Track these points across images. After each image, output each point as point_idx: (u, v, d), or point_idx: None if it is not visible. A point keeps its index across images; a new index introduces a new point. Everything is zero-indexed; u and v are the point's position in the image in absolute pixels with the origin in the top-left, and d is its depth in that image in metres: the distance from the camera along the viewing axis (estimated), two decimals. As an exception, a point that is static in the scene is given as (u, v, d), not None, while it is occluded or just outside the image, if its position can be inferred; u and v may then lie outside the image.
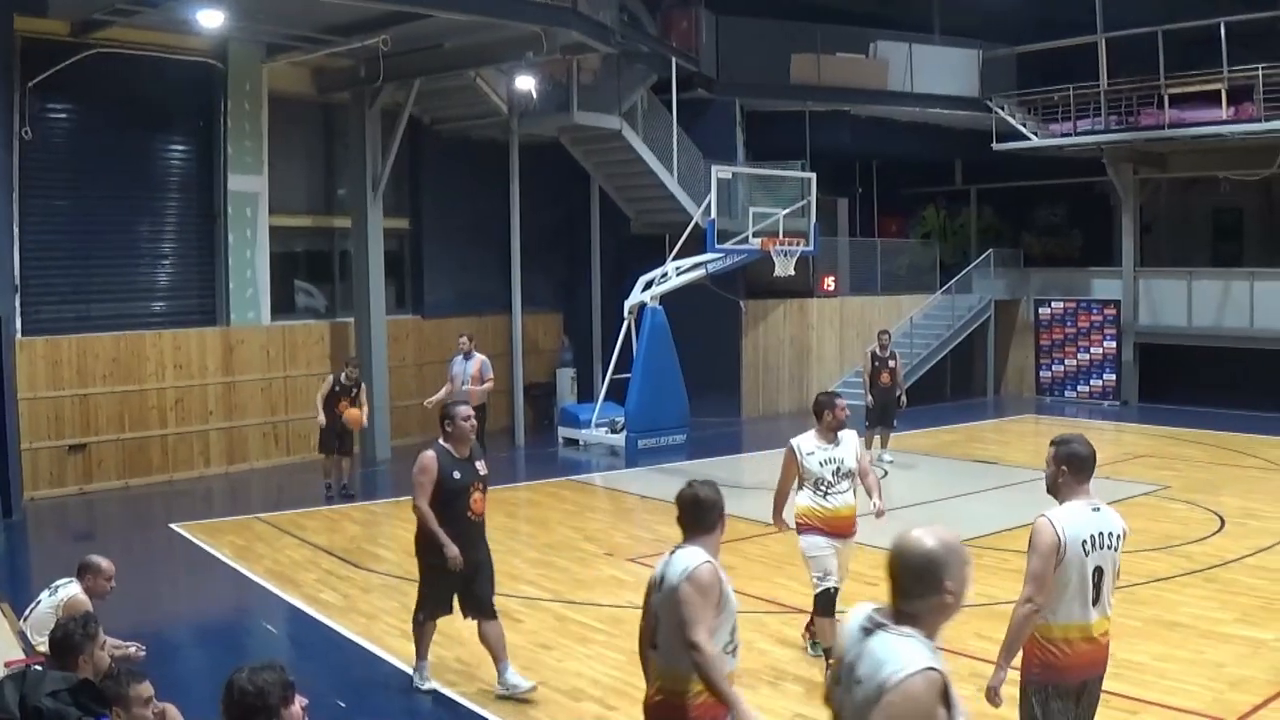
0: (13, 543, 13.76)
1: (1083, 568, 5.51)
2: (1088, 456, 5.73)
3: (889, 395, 17.50)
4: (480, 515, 8.16)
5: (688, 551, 5.09)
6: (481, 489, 8.18)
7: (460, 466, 8.03)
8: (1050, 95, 23.80)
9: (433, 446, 8.12)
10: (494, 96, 20.07)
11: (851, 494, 8.40)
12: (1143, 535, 12.71)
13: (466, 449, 8.12)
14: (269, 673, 4.14)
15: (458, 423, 8.05)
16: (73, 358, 16.28)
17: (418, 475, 8.01)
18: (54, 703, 5.02)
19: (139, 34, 16.45)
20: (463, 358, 16.12)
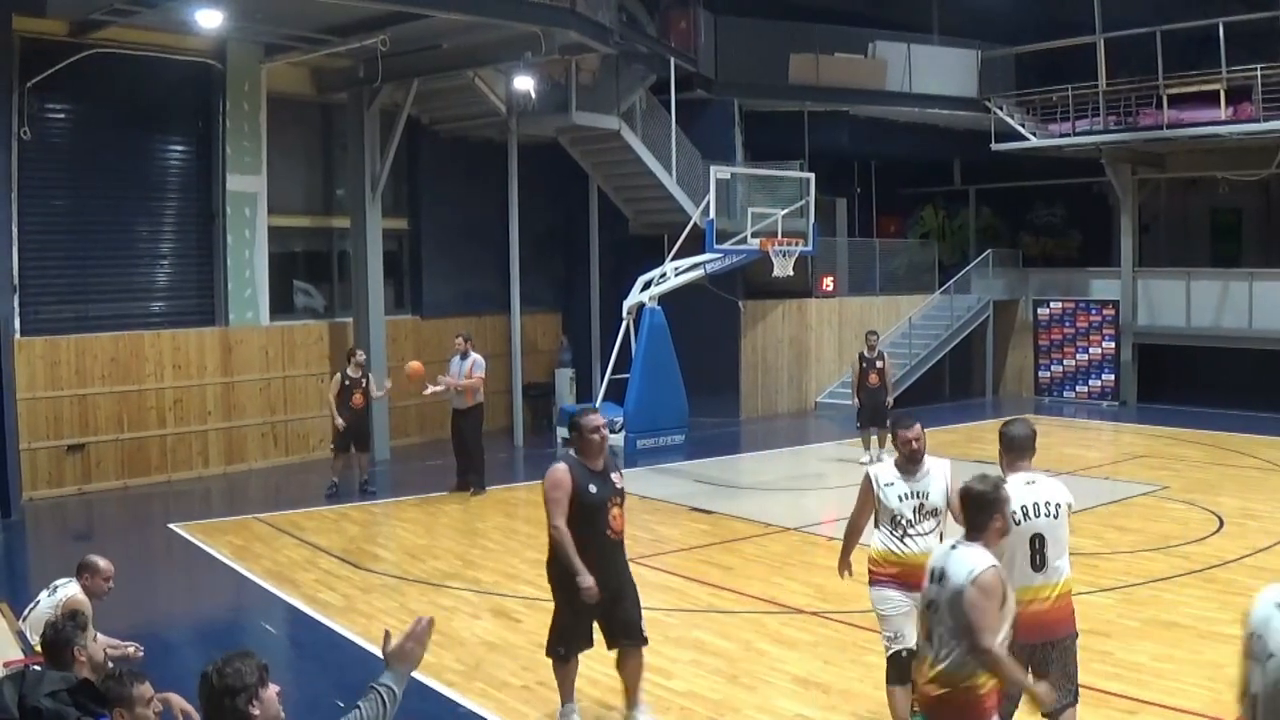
0: (11, 543, 13.76)
1: (1020, 535, 6.00)
2: (1019, 436, 6.56)
3: (878, 396, 17.52)
4: (620, 534, 7.42)
5: (971, 552, 5.17)
6: (620, 503, 7.41)
7: (596, 480, 7.28)
8: (1049, 95, 23.81)
9: (563, 459, 7.39)
10: (492, 97, 20.06)
11: (936, 537, 6.84)
12: (1141, 535, 12.73)
13: (600, 461, 7.35)
14: (243, 657, 4.19)
15: (586, 435, 7.31)
16: (71, 358, 16.27)
17: (551, 491, 7.22)
18: (53, 703, 5.01)
19: (137, 34, 16.44)
20: (459, 358, 16.14)
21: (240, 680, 4.06)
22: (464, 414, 15.99)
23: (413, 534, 13.76)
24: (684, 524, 13.95)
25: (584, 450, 7.32)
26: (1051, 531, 6.12)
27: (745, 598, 10.65)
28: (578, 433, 7.33)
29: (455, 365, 16.14)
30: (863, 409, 17.67)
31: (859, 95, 24.69)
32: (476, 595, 10.88)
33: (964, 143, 26.20)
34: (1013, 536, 5.80)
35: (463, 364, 15.99)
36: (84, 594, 7.33)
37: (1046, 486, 6.28)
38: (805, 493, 16.49)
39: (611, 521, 7.29)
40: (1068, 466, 17.43)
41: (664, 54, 21.44)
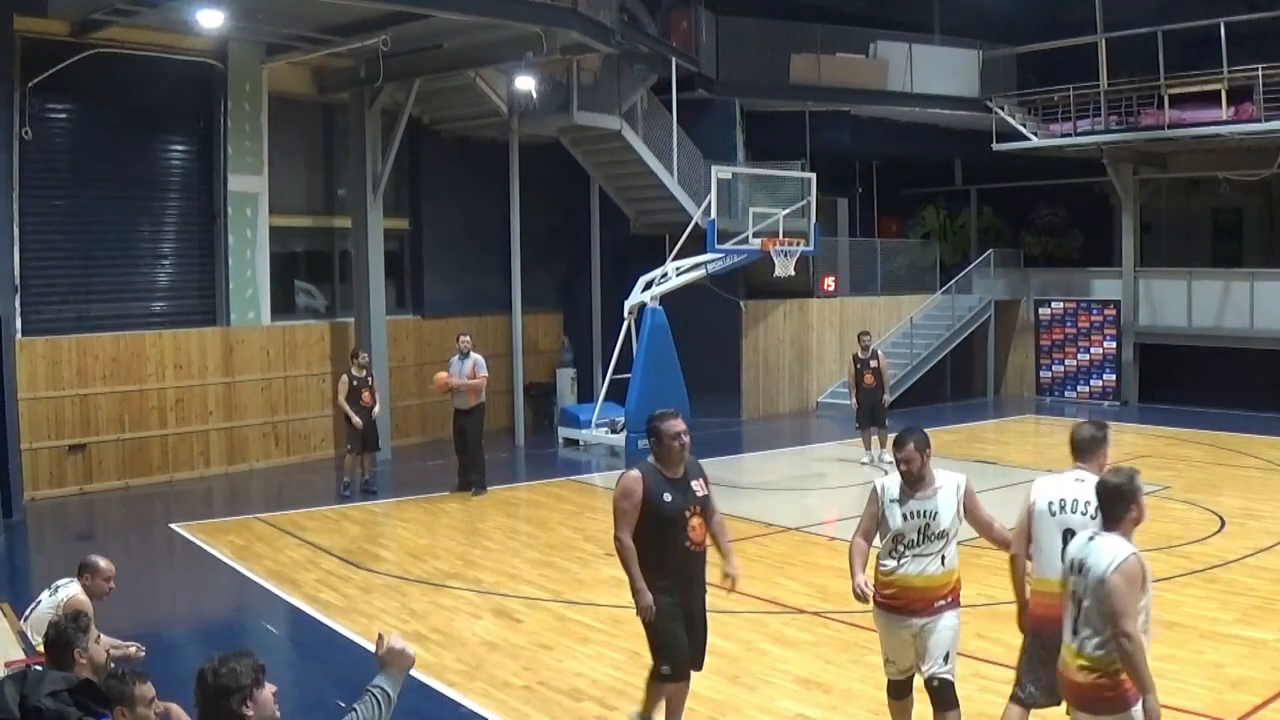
0: (13, 543, 13.75)
1: (1050, 527, 6.33)
2: (1080, 437, 6.82)
3: (875, 396, 17.57)
4: (701, 546, 6.91)
5: (1111, 542, 5.35)
6: (700, 512, 6.91)
7: (673, 488, 6.82)
8: (1050, 95, 23.81)
9: (638, 465, 6.94)
10: (494, 97, 20.07)
11: (939, 560, 6.49)
12: (1142, 536, 12.61)
13: (679, 468, 6.92)
14: (240, 657, 4.20)
15: (665, 441, 6.88)
16: (73, 358, 16.28)
17: (619, 501, 6.79)
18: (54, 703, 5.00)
19: (139, 34, 16.45)
20: (459, 357, 16.18)
21: (235, 680, 4.08)
22: (466, 414, 16.03)
23: (414, 534, 13.76)
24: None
25: (662, 457, 6.90)
26: (1083, 530, 6.05)
27: (746, 598, 10.63)
28: (656, 438, 6.92)
29: (456, 365, 16.15)
30: (860, 410, 17.73)
31: (860, 95, 24.69)
32: (478, 595, 10.88)
33: (965, 143, 26.19)
34: (1048, 526, 6.33)
35: (463, 364, 16.01)
36: (85, 594, 7.33)
37: (1091, 487, 6.17)
38: (806, 493, 16.50)
39: (690, 532, 6.82)
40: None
41: (665, 54, 21.43)
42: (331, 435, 18.98)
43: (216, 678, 4.10)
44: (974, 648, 8.83)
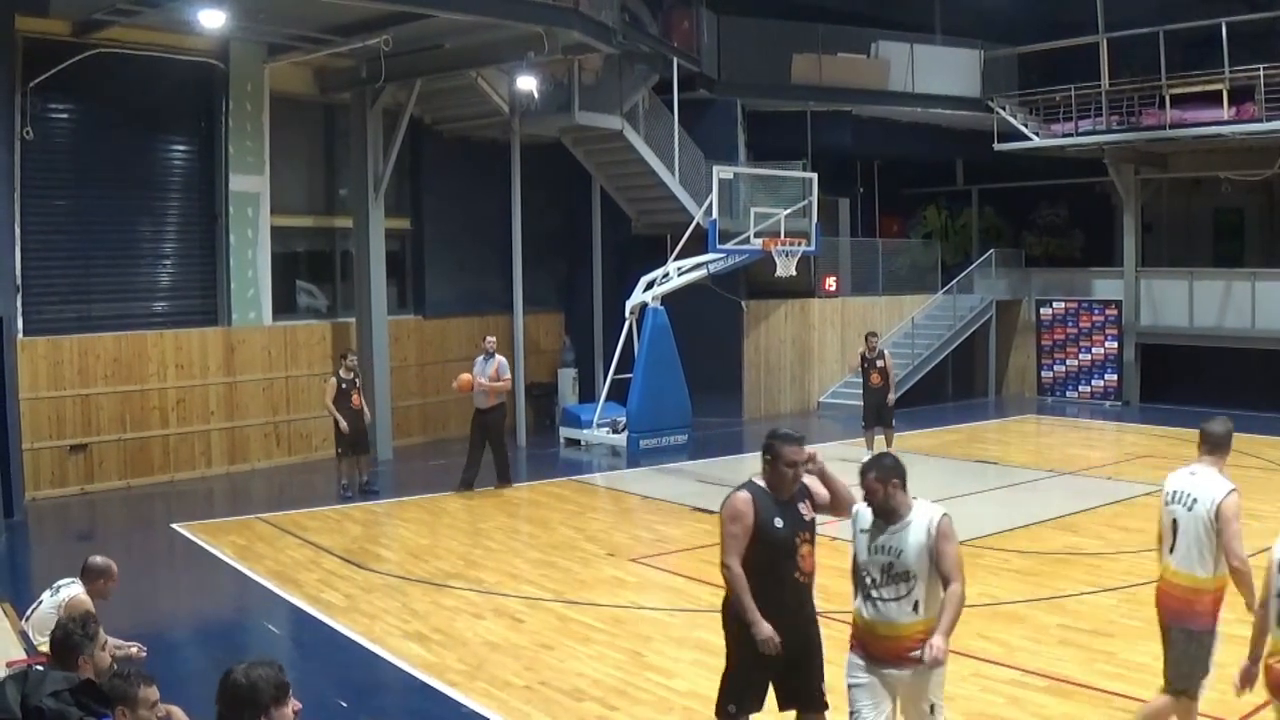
0: (14, 543, 13.75)
1: (1162, 516, 6.86)
2: (1210, 433, 7.24)
3: (880, 396, 17.62)
4: (810, 575, 6.30)
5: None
6: (809, 539, 6.27)
7: (783, 512, 6.14)
8: (1051, 95, 23.81)
9: (745, 486, 6.22)
10: (495, 97, 20.07)
11: (906, 606, 5.74)
12: (1144, 535, 12.66)
13: (789, 492, 6.20)
14: (265, 669, 4.19)
15: (780, 467, 6.18)
16: (74, 358, 16.28)
17: (729, 525, 6.07)
18: (56, 703, 5.01)
19: (140, 34, 16.45)
20: (483, 358, 16.37)
21: (253, 694, 4.12)
22: (486, 413, 16.32)
23: (415, 534, 13.76)
24: (687, 524, 13.95)
25: (774, 481, 6.18)
26: (1185, 521, 6.67)
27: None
28: (771, 459, 6.20)
29: (479, 365, 16.34)
30: (866, 409, 17.81)
31: (862, 95, 24.70)
32: (479, 595, 10.88)
33: (967, 143, 26.18)
34: (1162, 515, 6.93)
35: (487, 364, 16.23)
36: (87, 595, 7.33)
37: (1202, 481, 6.81)
38: (808, 493, 16.46)
39: (800, 561, 6.18)
40: (1070, 466, 17.45)
41: (667, 54, 21.43)
42: (332, 436, 18.94)
43: (236, 688, 4.11)
44: (974, 648, 8.83)
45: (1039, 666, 8.41)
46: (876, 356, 17.79)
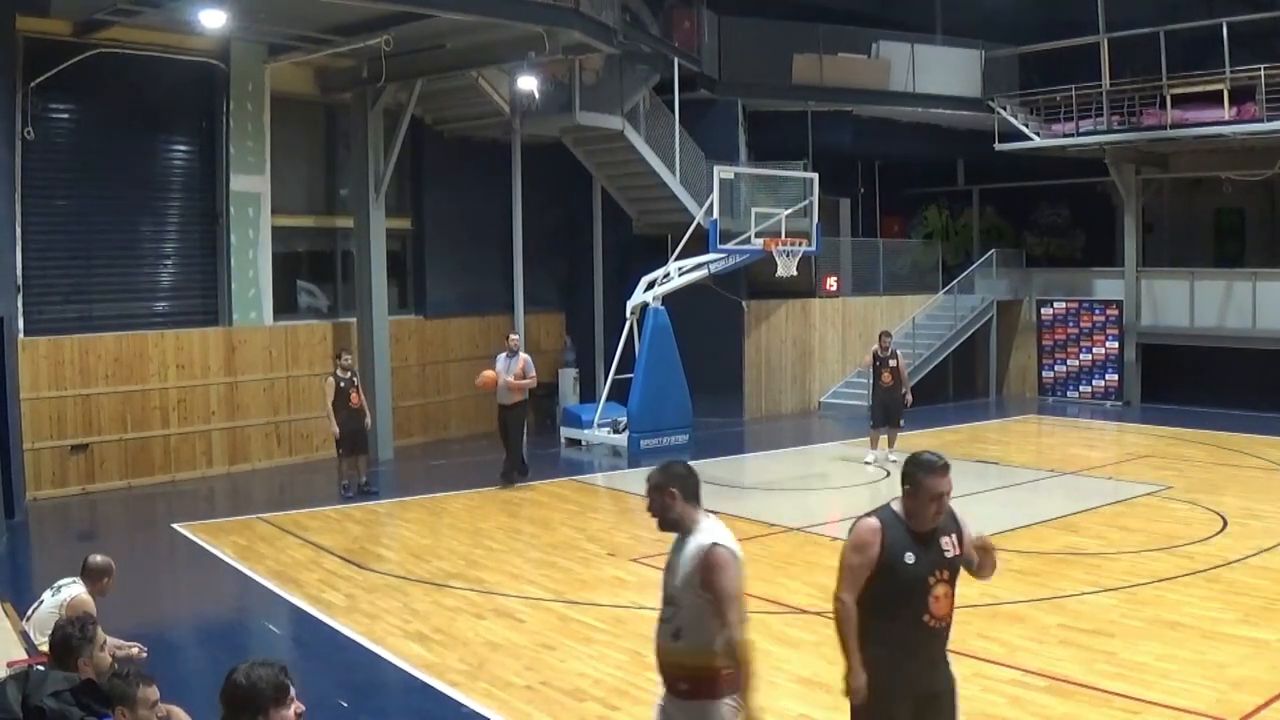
0: (15, 543, 13.75)
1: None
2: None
3: (891, 396, 17.64)
4: (944, 621, 5.31)
5: None
6: (949, 579, 5.32)
7: (918, 546, 5.26)
8: (1052, 95, 23.81)
9: (878, 513, 5.39)
10: (496, 97, 20.07)
11: (668, 631, 5.25)
12: (1145, 535, 12.72)
13: (930, 525, 5.31)
14: (265, 670, 4.20)
15: (922, 496, 5.28)
16: (75, 358, 16.28)
17: (849, 554, 5.31)
18: (56, 703, 5.01)
19: (141, 34, 16.46)
20: (507, 355, 16.58)
21: (252, 695, 4.13)
22: (510, 408, 16.56)
23: (416, 534, 13.76)
24: (687, 524, 13.92)
25: (913, 511, 5.32)
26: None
27: (748, 598, 10.57)
28: (911, 487, 5.33)
29: (503, 362, 16.52)
30: (875, 408, 17.85)
31: (863, 95, 24.70)
32: (480, 595, 10.88)
33: (968, 143, 26.18)
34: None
35: (512, 361, 16.43)
36: (88, 595, 7.34)
37: None
38: (809, 493, 16.49)
39: (932, 604, 5.24)
40: (1071, 466, 17.45)
41: (668, 54, 21.44)
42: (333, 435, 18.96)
43: (235, 688, 4.13)
44: (975, 648, 8.83)
45: (1040, 666, 8.41)
46: (889, 356, 17.79)
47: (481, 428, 21.67)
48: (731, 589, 5.09)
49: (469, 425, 21.66)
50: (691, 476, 5.32)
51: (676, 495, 5.23)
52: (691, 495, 5.27)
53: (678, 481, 5.26)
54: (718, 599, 5.07)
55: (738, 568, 5.14)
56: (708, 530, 5.20)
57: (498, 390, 16.50)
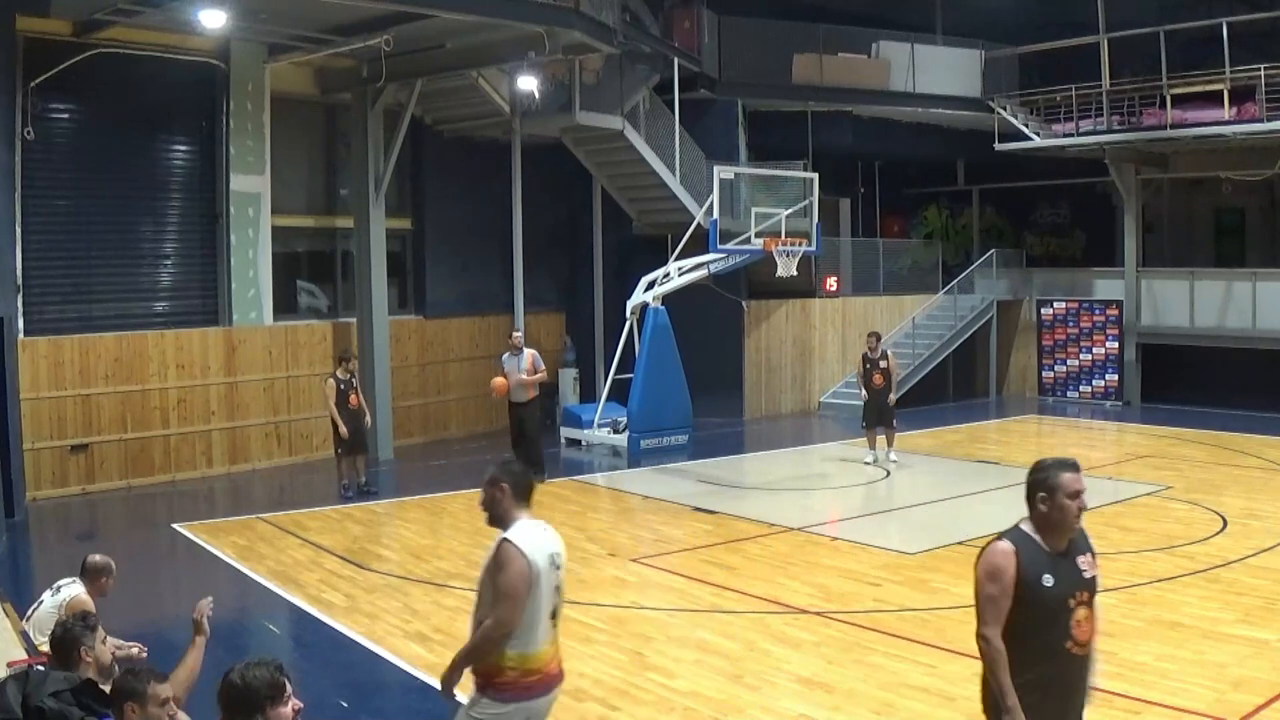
0: (15, 543, 13.75)
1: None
2: None
3: (883, 396, 17.56)
4: (1086, 646, 4.92)
5: None
6: (1089, 601, 4.93)
7: (1055, 567, 4.86)
8: (1052, 95, 23.81)
9: (1008, 535, 4.97)
10: (496, 97, 20.08)
11: (472, 625, 5.42)
12: (1144, 535, 12.72)
13: (1064, 539, 4.92)
14: (261, 670, 4.22)
15: (1059, 499, 4.86)
16: (75, 358, 16.28)
17: (985, 584, 4.87)
18: (56, 703, 5.01)
19: (141, 34, 16.47)
20: (511, 354, 16.69)
21: (248, 694, 4.16)
22: (524, 406, 16.68)
23: (416, 534, 13.76)
24: (688, 524, 13.95)
25: (1046, 522, 4.90)
26: None
27: (749, 598, 10.65)
28: (1046, 495, 4.90)
29: (510, 361, 16.61)
30: (868, 409, 17.74)
31: (863, 95, 24.70)
32: (480, 595, 10.88)
33: (968, 142, 26.19)
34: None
35: (518, 359, 16.55)
36: (87, 594, 7.34)
37: None
38: (809, 493, 16.48)
39: (1074, 629, 4.85)
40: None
41: (668, 54, 21.45)
42: (332, 435, 18.96)
43: (231, 687, 4.15)
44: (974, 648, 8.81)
45: (1040, 666, 8.39)
46: (880, 357, 17.73)
47: (481, 427, 21.72)
48: (508, 586, 5.11)
49: (469, 425, 21.68)
50: (524, 476, 5.41)
51: (506, 491, 5.31)
52: (520, 495, 5.33)
53: (509, 478, 5.34)
54: (497, 593, 5.12)
55: (521, 568, 5.13)
56: (515, 528, 5.23)
57: (512, 390, 16.57)
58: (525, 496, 5.36)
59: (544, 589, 5.21)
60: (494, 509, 5.33)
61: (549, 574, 5.25)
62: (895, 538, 12.93)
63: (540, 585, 5.18)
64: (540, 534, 5.31)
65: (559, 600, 5.37)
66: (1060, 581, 4.82)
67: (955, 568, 11.43)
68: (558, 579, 5.34)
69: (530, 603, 5.15)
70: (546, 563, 5.24)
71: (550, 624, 5.32)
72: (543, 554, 5.23)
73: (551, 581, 5.27)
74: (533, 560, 5.16)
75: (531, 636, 5.21)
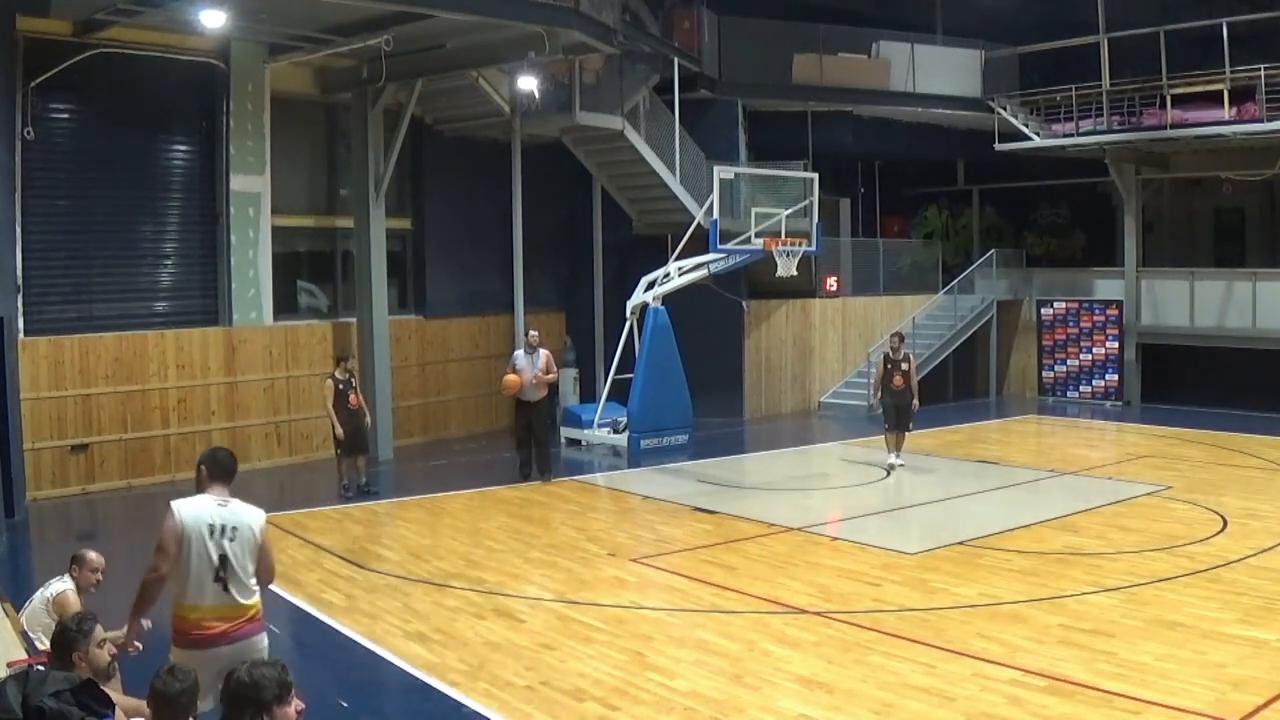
0: (15, 543, 13.76)
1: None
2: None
3: (903, 398, 17.24)
4: None
5: None
6: None
7: None
8: (1052, 95, 23.81)
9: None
10: (496, 97, 20.09)
11: None
12: (1145, 535, 12.72)
13: None
14: (268, 669, 4.26)
15: None
16: (75, 358, 16.28)
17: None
18: (56, 703, 5.01)
19: (141, 34, 16.47)
20: (526, 353, 16.89)
21: (255, 693, 4.22)
22: (534, 405, 16.87)
23: (416, 534, 13.76)
24: (687, 524, 13.95)
25: None
26: None
27: (749, 598, 10.65)
28: None
29: (524, 360, 16.80)
30: (886, 411, 17.43)
31: (863, 95, 24.71)
32: (480, 595, 10.88)
33: (968, 142, 26.20)
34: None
35: (533, 357, 16.77)
36: (74, 589, 7.35)
37: None
38: (809, 493, 16.48)
39: None
40: (1072, 466, 17.45)
41: (668, 54, 21.45)
42: (332, 436, 18.97)
43: (239, 685, 4.19)
44: (975, 648, 8.84)
45: (1040, 666, 8.41)
46: (902, 359, 17.35)
47: (481, 427, 21.73)
48: (158, 537, 6.33)
49: (469, 425, 21.69)
50: (229, 461, 6.55)
51: (202, 472, 6.47)
52: (216, 475, 6.44)
53: (208, 461, 6.51)
54: None
55: (167, 521, 6.32)
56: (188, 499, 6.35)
57: (524, 390, 16.72)
58: (219, 478, 6.44)
59: (195, 549, 6.19)
60: (198, 485, 6.45)
61: (203, 538, 6.22)
62: (895, 538, 12.93)
63: (191, 545, 6.19)
64: (207, 505, 6.31)
65: (226, 567, 6.21)
66: None
67: (955, 568, 11.44)
68: (222, 547, 6.21)
69: (181, 558, 6.18)
70: (203, 527, 6.23)
71: (215, 586, 6.20)
72: (183, 511, 6.30)
73: (207, 546, 6.20)
74: (176, 515, 6.26)
75: (184, 590, 6.20)
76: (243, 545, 6.25)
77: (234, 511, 6.31)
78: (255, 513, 6.38)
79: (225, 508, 6.30)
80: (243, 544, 6.25)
